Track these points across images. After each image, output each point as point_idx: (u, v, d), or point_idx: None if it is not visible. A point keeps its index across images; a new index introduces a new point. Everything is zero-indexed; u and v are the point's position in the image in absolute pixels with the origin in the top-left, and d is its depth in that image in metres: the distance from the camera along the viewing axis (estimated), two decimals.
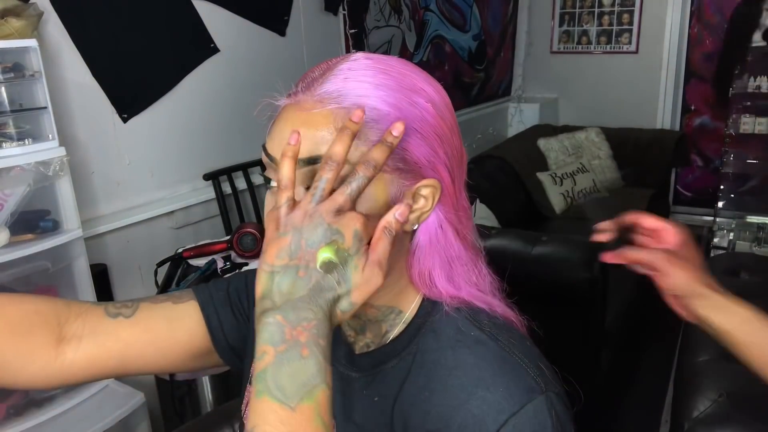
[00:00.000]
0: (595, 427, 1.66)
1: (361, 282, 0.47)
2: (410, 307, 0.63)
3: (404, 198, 0.56)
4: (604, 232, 0.70)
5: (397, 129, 0.51)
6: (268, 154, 0.57)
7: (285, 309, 0.44)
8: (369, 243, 0.50)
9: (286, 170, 0.50)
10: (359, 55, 0.57)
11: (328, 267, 0.46)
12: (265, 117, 0.59)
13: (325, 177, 0.48)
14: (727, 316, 0.64)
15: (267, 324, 0.44)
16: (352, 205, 0.49)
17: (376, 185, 0.53)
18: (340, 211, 0.48)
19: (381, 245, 0.49)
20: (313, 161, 0.53)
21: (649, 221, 0.68)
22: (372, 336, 0.64)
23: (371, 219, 0.51)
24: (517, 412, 0.53)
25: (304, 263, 0.46)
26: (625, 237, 0.71)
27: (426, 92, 0.57)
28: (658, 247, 0.68)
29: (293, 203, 0.50)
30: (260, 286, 0.47)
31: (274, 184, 0.58)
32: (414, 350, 0.61)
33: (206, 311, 0.71)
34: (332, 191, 0.49)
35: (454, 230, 0.60)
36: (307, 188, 0.53)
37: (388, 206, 0.54)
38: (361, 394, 0.63)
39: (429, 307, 0.62)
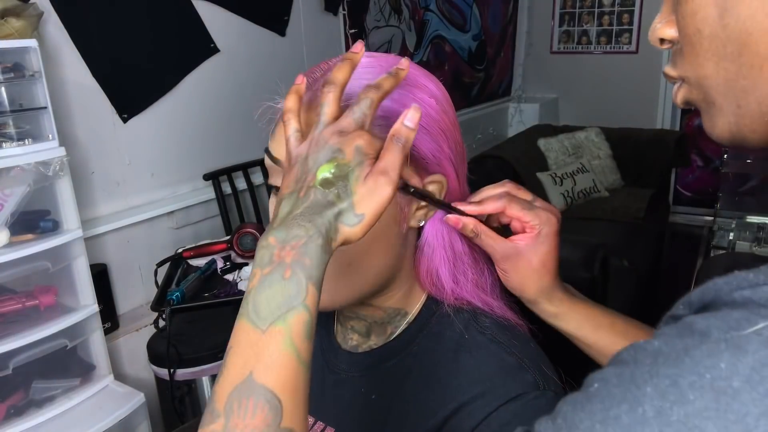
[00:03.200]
0: None
1: (364, 192, 0.43)
2: (415, 307, 0.63)
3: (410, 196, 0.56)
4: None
5: (403, 63, 0.50)
6: (272, 157, 0.57)
7: (279, 229, 0.43)
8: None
9: (289, 103, 0.49)
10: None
11: (327, 182, 0.44)
12: (265, 120, 0.59)
13: (326, 101, 0.47)
14: (560, 322, 0.64)
15: (261, 247, 0.43)
16: (358, 128, 0.46)
17: None
18: (343, 133, 0.45)
19: (389, 154, 0.45)
20: None
21: (512, 210, 0.60)
22: (376, 339, 0.64)
23: (378, 239, 0.51)
24: (509, 402, 0.53)
25: (306, 184, 0.44)
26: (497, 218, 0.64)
27: (428, 88, 0.57)
28: (507, 243, 0.61)
29: (301, 135, 0.48)
30: (271, 216, 0.46)
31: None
32: (415, 350, 0.61)
33: None
34: (337, 117, 0.47)
35: None
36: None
37: (396, 205, 0.55)
38: (359, 392, 0.63)
39: (432, 307, 0.62)
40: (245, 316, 0.41)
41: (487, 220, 0.62)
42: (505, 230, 0.63)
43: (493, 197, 0.61)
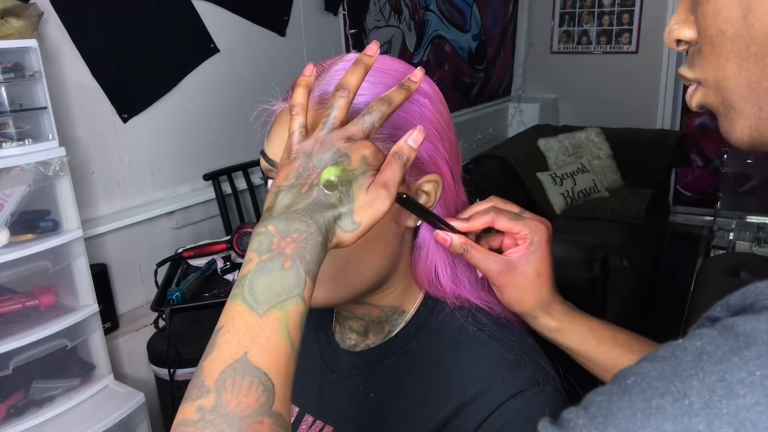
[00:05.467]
0: None
1: (364, 202, 0.45)
2: (413, 305, 0.63)
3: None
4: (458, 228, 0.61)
5: (416, 75, 0.50)
6: (268, 159, 0.57)
7: (279, 219, 0.43)
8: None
9: (299, 97, 0.50)
10: (353, 55, 0.58)
11: (331, 185, 0.45)
12: (260, 123, 0.59)
13: (337, 105, 0.47)
14: (560, 336, 0.63)
15: (258, 233, 0.43)
16: (364, 137, 0.47)
17: None
18: (350, 139, 0.46)
19: (390, 169, 0.46)
20: None
21: (501, 222, 0.60)
22: (374, 338, 0.64)
23: (376, 238, 0.52)
24: (510, 399, 0.53)
25: (309, 182, 0.45)
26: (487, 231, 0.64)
27: (422, 89, 0.58)
28: (500, 257, 0.60)
29: (305, 131, 0.49)
30: (266, 204, 0.47)
31: None
32: (413, 348, 0.61)
33: None
34: (345, 122, 0.48)
35: None
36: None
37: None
38: (358, 391, 0.63)
39: (431, 305, 0.63)
40: (240, 297, 0.41)
41: (478, 244, 0.62)
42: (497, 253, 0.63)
43: (481, 212, 0.61)
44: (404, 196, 0.52)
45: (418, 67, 0.51)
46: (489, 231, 0.63)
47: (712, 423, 0.29)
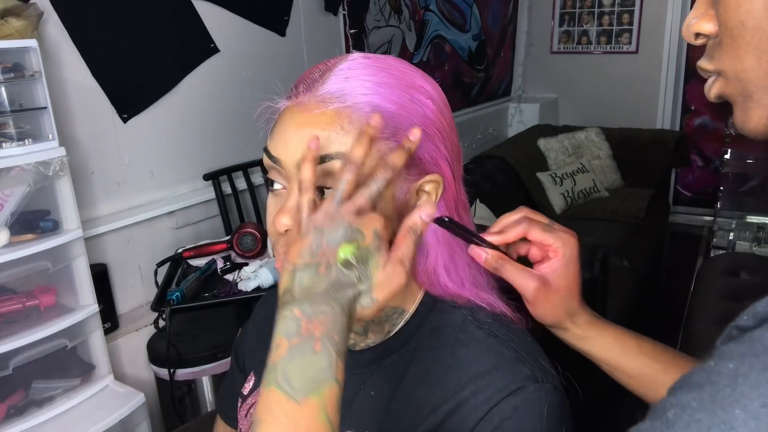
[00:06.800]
0: (595, 424, 1.66)
1: (383, 279, 0.47)
2: (412, 305, 0.63)
3: (410, 194, 0.57)
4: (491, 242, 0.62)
5: (415, 135, 0.51)
6: (271, 156, 0.57)
7: (303, 303, 0.44)
8: (390, 242, 0.50)
9: (307, 173, 0.50)
10: (356, 54, 0.58)
11: (349, 264, 0.46)
12: (264, 120, 0.59)
13: (345, 179, 0.49)
14: (587, 345, 0.65)
15: (284, 317, 0.44)
16: (372, 206, 0.49)
17: None
18: (360, 212, 0.48)
19: (405, 244, 0.49)
20: (321, 160, 0.53)
21: (534, 233, 0.61)
22: (374, 337, 0.64)
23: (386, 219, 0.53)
24: (509, 396, 0.54)
25: (325, 260, 0.46)
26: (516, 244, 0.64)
27: (425, 89, 0.58)
28: (533, 273, 0.61)
29: (314, 205, 0.50)
30: (282, 283, 0.47)
31: (277, 186, 0.58)
32: (413, 346, 0.61)
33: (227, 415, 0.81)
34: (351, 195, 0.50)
35: None
36: (319, 188, 0.54)
37: (393, 200, 0.56)
38: (358, 389, 0.63)
39: (430, 304, 0.63)
40: (275, 384, 0.42)
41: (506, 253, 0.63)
42: (524, 262, 0.64)
43: (513, 223, 0.62)
44: (446, 219, 0.55)
45: (416, 128, 0.51)
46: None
47: None
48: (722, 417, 0.31)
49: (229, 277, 1.67)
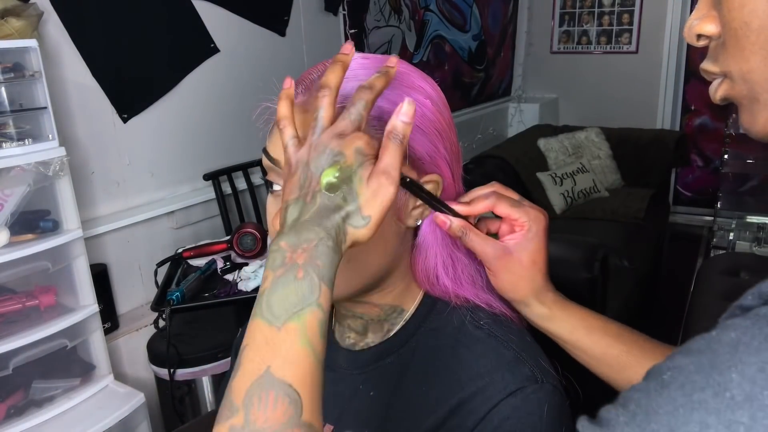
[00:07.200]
0: None
1: (369, 194, 0.45)
2: (412, 304, 0.63)
3: (407, 195, 0.57)
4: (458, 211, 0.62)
5: (392, 60, 0.50)
6: (269, 157, 0.57)
7: (289, 234, 0.44)
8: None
9: (282, 109, 0.50)
10: (355, 55, 0.58)
11: (332, 187, 0.45)
12: (263, 120, 0.59)
13: (321, 105, 0.48)
14: (553, 325, 0.64)
15: (271, 251, 0.44)
16: (356, 129, 0.47)
17: None
18: (342, 135, 0.46)
19: (387, 153, 0.46)
20: None
21: (501, 208, 0.61)
22: (373, 336, 0.64)
23: (376, 238, 0.51)
24: (509, 396, 0.54)
25: (311, 190, 0.45)
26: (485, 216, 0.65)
27: (424, 89, 0.58)
28: (497, 242, 0.61)
29: (298, 141, 0.49)
30: (279, 223, 0.47)
31: (276, 188, 0.58)
32: (413, 346, 0.61)
33: None
34: (333, 121, 0.48)
35: None
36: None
37: (394, 204, 0.55)
38: (357, 389, 0.63)
39: (430, 304, 0.63)
40: (259, 315, 0.42)
41: (476, 226, 0.62)
42: (494, 238, 0.63)
43: (482, 197, 0.62)
44: (407, 179, 0.51)
45: (393, 54, 0.51)
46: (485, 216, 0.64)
47: (756, 414, 0.29)
48: (717, 379, 0.31)
49: (229, 277, 1.67)
